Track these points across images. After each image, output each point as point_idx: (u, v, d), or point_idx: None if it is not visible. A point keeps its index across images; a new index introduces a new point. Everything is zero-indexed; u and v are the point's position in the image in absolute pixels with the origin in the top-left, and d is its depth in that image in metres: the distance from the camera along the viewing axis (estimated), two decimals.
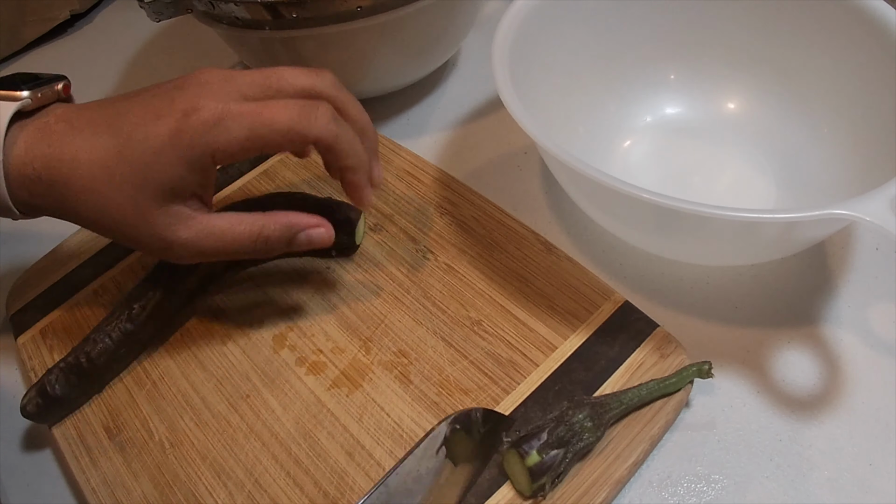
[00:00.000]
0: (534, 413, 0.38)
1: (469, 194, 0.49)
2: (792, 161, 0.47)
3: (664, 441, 0.38)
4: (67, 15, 0.73)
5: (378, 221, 0.48)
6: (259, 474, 0.38)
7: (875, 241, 0.45)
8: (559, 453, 0.34)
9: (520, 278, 0.44)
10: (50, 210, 0.35)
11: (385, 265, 0.46)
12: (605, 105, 0.51)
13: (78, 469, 0.39)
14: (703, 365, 0.38)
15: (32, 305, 0.47)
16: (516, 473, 0.35)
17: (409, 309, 0.43)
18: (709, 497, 0.36)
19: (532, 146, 0.54)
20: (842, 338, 0.41)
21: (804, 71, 0.47)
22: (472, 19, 0.57)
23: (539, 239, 0.46)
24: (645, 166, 0.49)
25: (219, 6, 0.48)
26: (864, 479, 0.36)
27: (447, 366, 0.40)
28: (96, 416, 0.41)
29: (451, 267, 0.45)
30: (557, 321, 0.41)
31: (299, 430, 0.39)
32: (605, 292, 0.42)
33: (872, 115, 0.42)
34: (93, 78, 0.68)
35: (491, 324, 0.42)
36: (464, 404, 0.39)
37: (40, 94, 0.35)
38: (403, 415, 0.39)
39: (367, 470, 0.37)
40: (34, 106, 0.35)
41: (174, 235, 0.35)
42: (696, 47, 0.50)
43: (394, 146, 0.53)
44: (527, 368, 0.40)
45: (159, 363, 0.43)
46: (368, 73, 0.54)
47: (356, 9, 0.47)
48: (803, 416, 0.38)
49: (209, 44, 0.68)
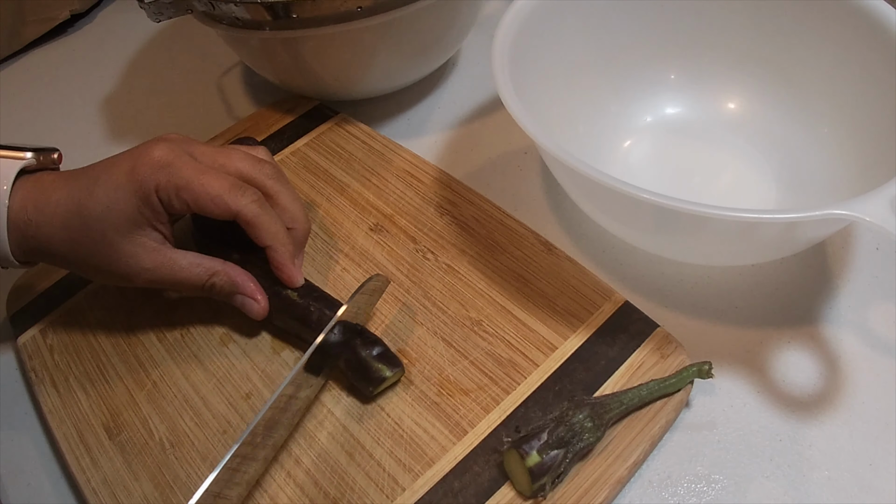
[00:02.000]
0: (534, 413, 0.38)
1: (469, 194, 0.49)
2: (792, 161, 0.47)
3: (664, 441, 0.38)
4: (67, 15, 0.73)
5: (378, 221, 0.48)
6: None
7: (875, 241, 0.45)
8: (559, 453, 0.34)
9: (520, 278, 0.44)
10: (37, 253, 0.41)
11: (385, 265, 0.46)
12: (605, 105, 0.51)
13: (78, 469, 0.39)
14: (703, 365, 0.38)
15: (32, 305, 0.47)
16: (516, 473, 0.35)
17: (409, 309, 0.43)
18: (709, 497, 0.36)
19: (532, 146, 0.54)
20: (842, 338, 0.41)
21: (804, 71, 0.47)
22: (473, 19, 0.57)
23: (539, 239, 0.46)
24: (645, 166, 0.49)
25: (219, 6, 0.48)
26: (864, 479, 0.36)
27: (447, 366, 0.40)
28: (96, 416, 0.41)
29: (452, 267, 0.45)
30: (558, 321, 0.41)
31: (299, 431, 0.39)
32: (605, 292, 0.42)
33: (872, 115, 0.42)
34: (93, 78, 0.68)
35: (491, 324, 0.42)
36: (464, 405, 0.39)
37: (42, 158, 0.41)
38: (404, 415, 0.39)
39: (368, 470, 0.37)
40: (36, 167, 0.41)
41: (138, 264, 0.40)
42: (696, 47, 0.50)
43: (394, 146, 0.53)
44: (527, 369, 0.40)
45: (160, 363, 0.43)
46: (368, 73, 0.54)
47: (356, 9, 0.47)
48: (803, 416, 0.38)
49: (210, 44, 0.68)
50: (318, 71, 0.53)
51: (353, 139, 0.54)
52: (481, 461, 0.37)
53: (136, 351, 0.43)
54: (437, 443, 0.37)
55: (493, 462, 0.36)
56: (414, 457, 0.37)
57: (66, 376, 0.43)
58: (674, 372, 0.38)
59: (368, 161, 0.52)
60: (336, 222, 0.49)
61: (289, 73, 0.55)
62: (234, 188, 0.39)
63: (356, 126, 0.55)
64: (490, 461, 0.37)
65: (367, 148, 0.53)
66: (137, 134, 0.61)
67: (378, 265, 0.46)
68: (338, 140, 0.54)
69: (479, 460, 0.37)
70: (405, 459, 0.37)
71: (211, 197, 0.39)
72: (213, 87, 0.65)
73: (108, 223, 0.38)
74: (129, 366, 0.43)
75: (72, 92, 0.67)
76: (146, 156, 0.39)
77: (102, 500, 0.37)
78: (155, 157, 0.38)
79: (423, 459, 0.37)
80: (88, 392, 0.42)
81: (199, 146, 0.41)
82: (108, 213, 0.38)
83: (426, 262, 0.46)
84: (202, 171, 0.39)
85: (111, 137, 0.61)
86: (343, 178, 0.52)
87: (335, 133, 0.55)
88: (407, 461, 0.37)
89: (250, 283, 0.41)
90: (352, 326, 0.40)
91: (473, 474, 0.36)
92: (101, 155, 0.59)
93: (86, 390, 0.42)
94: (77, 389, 0.42)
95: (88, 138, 0.62)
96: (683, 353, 0.39)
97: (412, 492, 0.36)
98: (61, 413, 0.41)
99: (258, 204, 0.40)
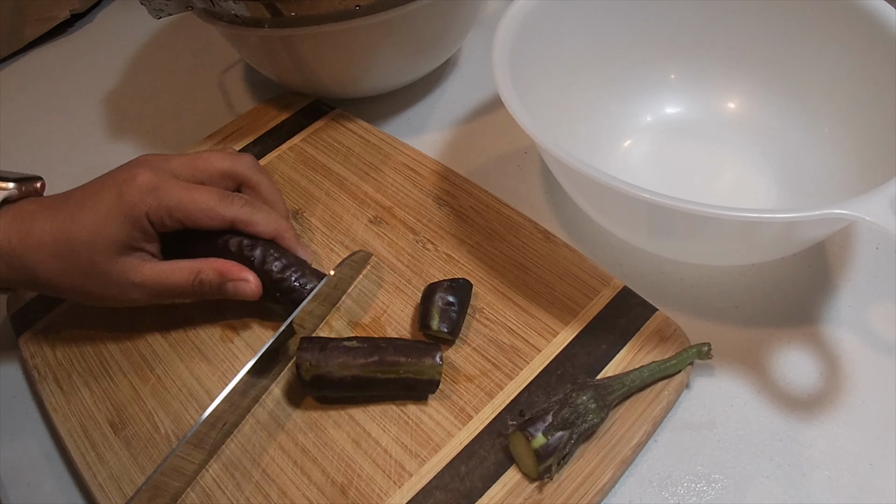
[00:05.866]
0: (537, 397, 0.38)
1: (467, 185, 0.49)
2: (792, 161, 0.47)
3: (665, 440, 0.38)
4: (67, 15, 0.73)
5: (377, 213, 0.48)
6: (266, 464, 0.38)
7: (875, 241, 0.45)
8: (564, 435, 0.35)
9: (519, 266, 0.44)
10: (21, 283, 0.41)
11: (386, 256, 0.46)
12: (605, 105, 0.51)
13: (84, 465, 0.39)
14: (702, 346, 0.38)
15: (33, 304, 0.47)
16: (522, 456, 0.36)
17: (410, 299, 0.44)
18: (709, 497, 0.36)
19: (532, 146, 0.54)
20: (842, 338, 0.41)
21: (804, 71, 0.47)
22: (473, 19, 0.57)
23: (537, 227, 0.46)
24: (645, 166, 0.49)
25: (218, 4, 0.48)
26: (864, 479, 0.36)
27: (450, 353, 0.41)
28: (101, 412, 0.41)
29: (451, 256, 0.45)
30: (558, 307, 0.42)
31: (305, 420, 0.39)
32: (603, 278, 0.43)
33: (872, 115, 0.42)
34: (93, 78, 0.68)
35: (492, 311, 0.42)
36: (468, 391, 0.39)
37: (24, 188, 0.41)
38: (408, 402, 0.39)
39: (374, 457, 0.37)
40: (18, 196, 0.41)
41: (128, 281, 0.40)
42: (696, 47, 0.50)
43: (391, 140, 0.53)
44: (529, 354, 0.40)
45: (163, 358, 0.43)
46: (368, 71, 0.54)
47: (354, 7, 0.47)
48: (803, 416, 0.38)
49: (210, 43, 0.68)
50: (317, 69, 0.53)
51: (351, 134, 0.54)
52: (487, 445, 0.37)
53: (139, 346, 0.44)
54: (442, 428, 0.38)
55: (498, 446, 0.37)
56: (420, 443, 0.37)
57: (69, 373, 0.43)
58: (674, 354, 0.38)
59: (366, 155, 0.53)
60: (335, 215, 0.49)
61: (288, 72, 0.55)
62: (223, 199, 0.41)
63: (353, 121, 0.55)
64: (496, 445, 0.37)
65: (365, 142, 0.53)
66: (137, 134, 0.61)
67: (378, 256, 0.46)
68: (335, 135, 0.55)
69: (485, 444, 0.37)
70: (411, 445, 0.37)
71: (203, 211, 0.40)
72: (214, 86, 0.65)
73: (96, 249, 0.39)
74: (132, 361, 0.43)
75: (72, 92, 0.67)
76: (132, 182, 0.39)
77: (109, 496, 0.38)
78: (141, 182, 0.39)
79: (429, 445, 0.37)
80: (92, 388, 0.42)
81: (176, 160, 0.42)
82: (95, 238, 0.39)
83: (426, 253, 0.46)
84: (189, 188, 0.40)
85: (111, 137, 0.61)
86: (341, 172, 0.52)
87: (332, 128, 0.55)
88: (413, 447, 0.37)
89: (234, 267, 0.41)
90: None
91: (479, 458, 0.37)
92: (101, 155, 0.60)
93: (89, 387, 0.42)
94: (80, 386, 0.42)
95: (88, 138, 0.62)
96: (682, 335, 0.40)
97: (419, 477, 0.36)
98: (65, 410, 0.41)
99: (249, 206, 0.42)
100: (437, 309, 0.40)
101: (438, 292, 0.41)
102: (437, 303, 0.41)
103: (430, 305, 0.41)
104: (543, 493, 0.35)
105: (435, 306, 0.40)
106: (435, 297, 0.41)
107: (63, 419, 0.41)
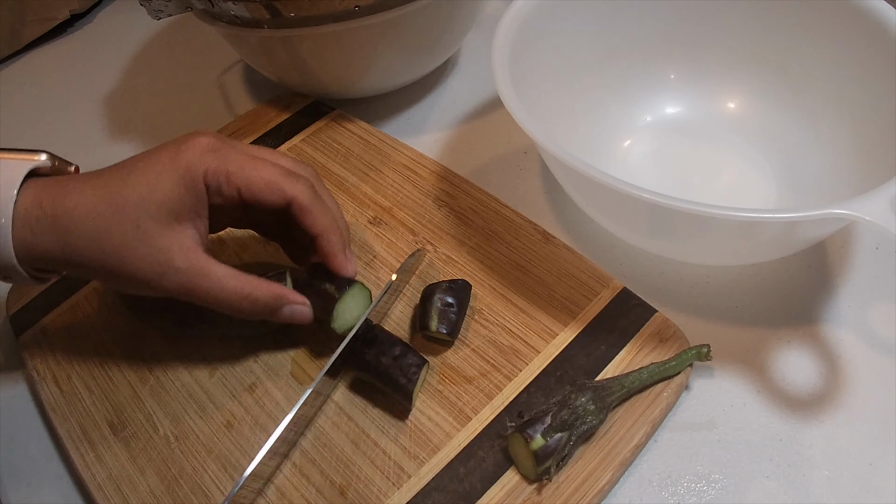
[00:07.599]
0: (536, 399, 0.38)
1: (466, 186, 0.49)
2: (792, 161, 0.47)
3: (665, 440, 0.38)
4: (67, 15, 0.73)
5: (377, 214, 0.48)
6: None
7: (875, 241, 0.45)
8: (563, 436, 0.35)
9: (518, 267, 0.44)
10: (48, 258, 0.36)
11: (385, 257, 0.46)
12: (605, 105, 0.51)
13: (83, 465, 0.39)
14: (701, 348, 0.38)
15: (33, 304, 0.47)
16: (521, 457, 0.35)
17: (410, 300, 0.44)
18: (709, 496, 0.36)
19: (532, 146, 0.54)
20: (842, 338, 0.41)
21: (804, 71, 0.47)
22: (472, 19, 0.57)
23: (536, 228, 0.46)
24: (645, 166, 0.49)
25: (218, 4, 0.48)
26: (864, 479, 0.36)
27: (449, 354, 0.41)
28: (100, 413, 0.41)
29: (451, 257, 0.45)
30: (557, 308, 0.42)
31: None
32: (603, 279, 0.43)
33: (872, 115, 0.42)
34: (93, 78, 0.68)
35: (491, 312, 0.42)
36: (467, 392, 0.39)
37: (57, 162, 0.38)
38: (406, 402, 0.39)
39: (373, 458, 0.37)
40: (50, 171, 0.37)
41: (170, 262, 0.36)
42: (696, 47, 0.50)
43: (391, 140, 0.53)
44: (528, 355, 0.40)
45: (162, 358, 0.43)
46: (367, 72, 0.54)
47: (354, 8, 0.47)
48: (803, 416, 0.38)
49: (209, 43, 0.68)
50: (316, 70, 0.53)
51: (350, 135, 0.54)
52: (486, 447, 0.37)
53: (139, 347, 0.44)
54: (441, 430, 0.38)
55: (497, 447, 0.37)
56: (419, 444, 0.37)
57: (69, 374, 0.43)
58: (673, 355, 0.38)
59: (365, 156, 0.53)
60: None
61: (288, 72, 0.55)
62: (288, 174, 0.38)
63: (353, 122, 0.55)
64: (494, 446, 0.37)
65: (364, 143, 0.53)
66: (137, 134, 0.61)
67: (378, 257, 0.46)
68: (334, 136, 0.55)
69: (484, 446, 0.37)
70: (410, 447, 0.37)
71: (266, 181, 0.37)
72: (213, 86, 0.65)
73: (145, 209, 0.35)
74: (131, 362, 0.43)
75: (72, 92, 0.67)
76: (192, 141, 0.36)
77: (108, 496, 0.38)
78: (202, 142, 0.36)
79: (427, 446, 0.37)
80: (91, 389, 0.42)
81: (236, 142, 0.39)
82: (146, 198, 0.35)
83: (425, 254, 0.46)
84: (252, 157, 0.37)
85: (111, 137, 0.61)
86: (340, 173, 0.52)
87: (332, 129, 0.55)
88: (412, 448, 0.37)
89: (292, 292, 0.39)
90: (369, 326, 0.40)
91: (478, 459, 0.37)
92: (101, 155, 0.60)
93: (88, 387, 0.42)
94: (80, 387, 0.42)
95: (88, 138, 0.62)
96: (682, 336, 0.40)
97: (418, 478, 0.36)
98: (64, 410, 0.41)
99: (313, 190, 0.38)
100: (436, 310, 0.40)
101: (437, 293, 0.41)
102: (436, 304, 0.41)
103: (429, 306, 0.41)
104: (542, 494, 0.35)
105: (434, 307, 0.40)
106: (434, 298, 0.41)
107: (62, 420, 0.41)
